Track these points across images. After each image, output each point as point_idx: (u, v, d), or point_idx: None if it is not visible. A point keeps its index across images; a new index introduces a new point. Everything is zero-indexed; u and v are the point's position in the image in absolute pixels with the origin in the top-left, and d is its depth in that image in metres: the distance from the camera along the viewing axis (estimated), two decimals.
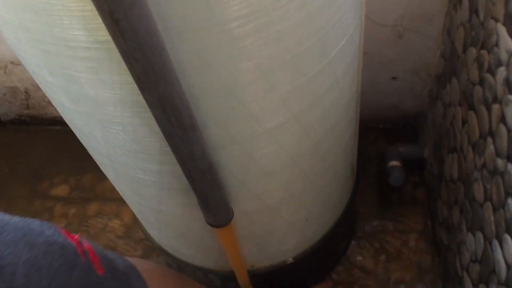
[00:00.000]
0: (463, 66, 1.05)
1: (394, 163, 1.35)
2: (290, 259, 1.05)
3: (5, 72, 1.55)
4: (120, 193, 0.93)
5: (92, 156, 0.83)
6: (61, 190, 1.63)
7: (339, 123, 0.79)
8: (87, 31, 0.47)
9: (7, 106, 1.71)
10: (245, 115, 0.61)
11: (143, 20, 0.40)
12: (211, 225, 0.74)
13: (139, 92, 0.48)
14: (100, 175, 1.61)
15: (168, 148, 0.58)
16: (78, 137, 0.77)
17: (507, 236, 0.81)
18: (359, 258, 1.33)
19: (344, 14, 0.61)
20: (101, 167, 0.86)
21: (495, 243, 0.87)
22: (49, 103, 1.66)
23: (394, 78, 1.45)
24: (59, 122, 1.76)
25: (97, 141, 0.69)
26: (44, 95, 1.64)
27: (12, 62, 1.50)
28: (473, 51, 0.98)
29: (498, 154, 0.84)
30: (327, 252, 1.22)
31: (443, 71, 1.24)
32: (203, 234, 0.88)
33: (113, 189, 1.61)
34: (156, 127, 0.54)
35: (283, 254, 1.04)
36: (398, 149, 1.41)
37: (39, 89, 1.61)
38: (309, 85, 0.63)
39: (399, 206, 1.43)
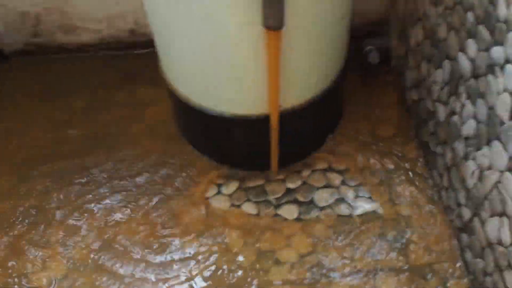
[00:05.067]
0: None
1: (371, 47, 1.69)
2: (306, 100, 1.34)
3: None
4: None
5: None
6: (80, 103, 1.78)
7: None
8: None
9: (14, 35, 1.82)
10: None
11: None
12: (268, 28, 1.00)
13: None
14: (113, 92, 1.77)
15: None
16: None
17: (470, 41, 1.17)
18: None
19: None
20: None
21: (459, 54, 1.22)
22: (59, 28, 1.80)
23: None
24: (65, 50, 1.90)
25: None
26: (55, 20, 1.77)
27: None
28: None
29: None
30: (330, 104, 1.53)
31: None
32: (251, 60, 1.14)
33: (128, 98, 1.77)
34: None
35: (301, 96, 1.32)
36: (371, 40, 1.76)
37: (50, 13, 1.74)
38: None
39: (375, 87, 1.77)
